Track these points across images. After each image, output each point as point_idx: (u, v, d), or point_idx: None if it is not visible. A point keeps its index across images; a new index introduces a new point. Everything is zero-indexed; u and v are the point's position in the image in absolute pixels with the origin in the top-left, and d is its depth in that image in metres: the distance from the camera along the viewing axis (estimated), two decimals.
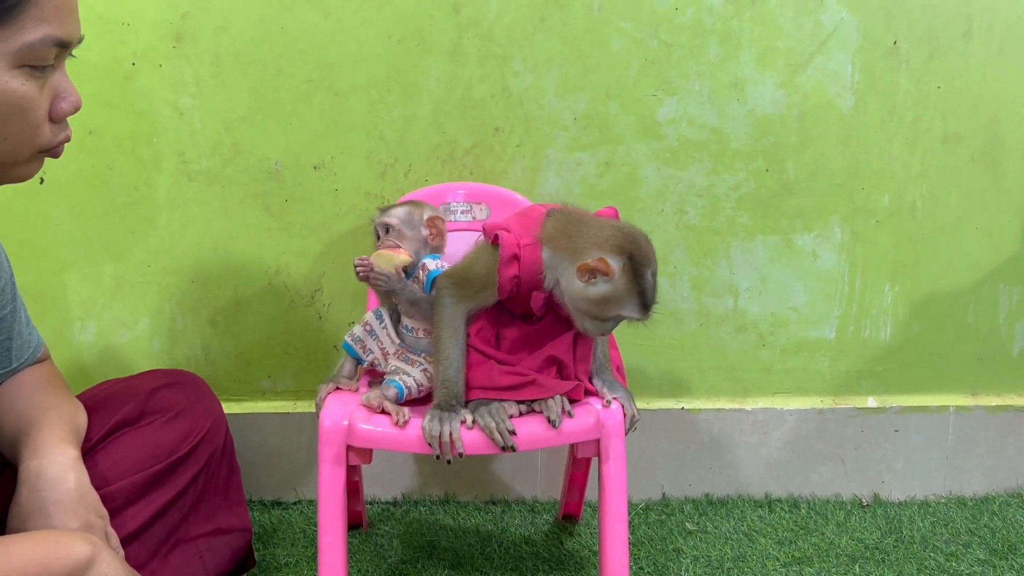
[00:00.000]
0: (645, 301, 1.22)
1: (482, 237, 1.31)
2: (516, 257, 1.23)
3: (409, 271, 1.38)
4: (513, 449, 1.21)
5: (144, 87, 1.61)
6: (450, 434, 1.22)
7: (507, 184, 1.65)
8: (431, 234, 1.40)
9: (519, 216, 1.31)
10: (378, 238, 1.42)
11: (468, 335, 1.30)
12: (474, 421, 1.24)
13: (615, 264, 1.19)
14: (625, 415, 1.31)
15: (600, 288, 1.20)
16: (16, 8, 0.85)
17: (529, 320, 1.31)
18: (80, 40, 0.94)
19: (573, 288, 1.22)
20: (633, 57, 1.64)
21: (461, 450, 1.21)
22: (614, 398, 1.31)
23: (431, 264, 1.37)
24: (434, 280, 1.33)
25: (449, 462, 1.22)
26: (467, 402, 1.28)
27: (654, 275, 1.23)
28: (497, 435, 1.22)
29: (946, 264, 1.76)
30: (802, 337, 1.78)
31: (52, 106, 0.93)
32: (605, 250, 1.20)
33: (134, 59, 1.60)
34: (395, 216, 1.40)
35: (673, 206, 1.70)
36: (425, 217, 1.41)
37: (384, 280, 1.33)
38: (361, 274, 1.35)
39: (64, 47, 0.91)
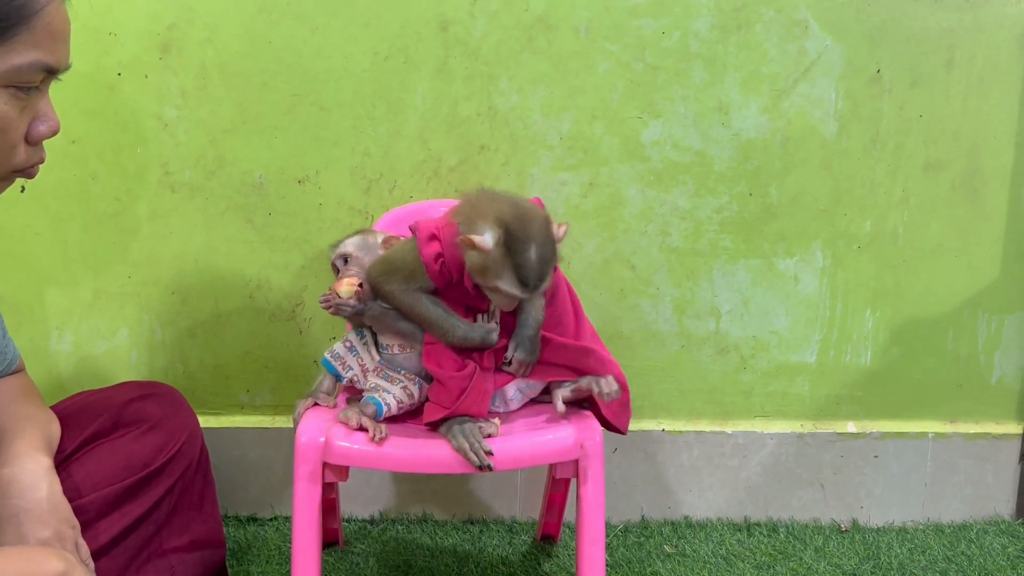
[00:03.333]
0: (522, 276, 1.21)
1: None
2: (435, 236, 1.26)
3: (372, 298, 1.38)
4: (490, 468, 1.21)
5: (129, 97, 1.61)
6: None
7: None
8: None
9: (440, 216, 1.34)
10: (336, 271, 1.42)
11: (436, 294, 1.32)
12: (488, 433, 1.26)
13: (489, 238, 1.20)
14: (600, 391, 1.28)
15: (479, 258, 1.22)
16: (9, 30, 0.86)
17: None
18: (68, 67, 0.94)
19: (467, 257, 1.24)
20: (619, 79, 1.65)
21: (489, 449, 1.21)
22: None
23: None
24: (368, 275, 1.35)
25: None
26: (440, 422, 1.28)
27: (541, 254, 1.21)
28: (472, 455, 1.21)
29: (926, 291, 1.77)
30: (783, 361, 1.78)
31: (30, 128, 0.93)
32: (487, 222, 1.22)
33: (119, 69, 1.60)
34: (350, 244, 1.41)
35: (656, 228, 1.71)
36: (380, 240, 1.41)
37: (349, 307, 1.34)
38: (331, 310, 1.35)
39: (52, 73, 0.91)
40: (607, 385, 1.28)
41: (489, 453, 1.21)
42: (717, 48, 1.65)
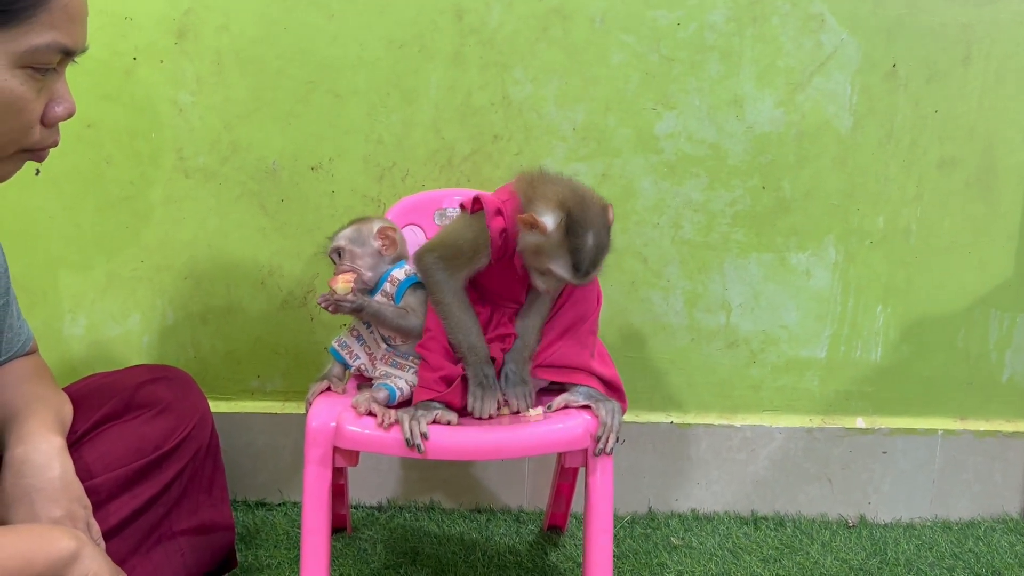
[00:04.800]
0: (576, 261, 1.23)
1: (457, 211, 1.38)
2: (500, 211, 1.28)
3: (373, 287, 1.38)
4: (418, 449, 1.21)
5: (144, 82, 1.61)
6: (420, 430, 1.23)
7: None
8: (383, 245, 1.39)
9: (494, 192, 1.37)
10: (334, 263, 1.42)
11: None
12: (447, 420, 1.27)
13: (550, 220, 1.22)
14: (603, 427, 1.29)
15: (536, 238, 1.23)
16: (28, 11, 0.86)
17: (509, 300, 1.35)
18: (85, 50, 0.95)
19: (521, 237, 1.26)
20: (633, 70, 1.64)
21: (424, 432, 1.22)
22: (584, 406, 1.31)
23: (400, 274, 1.38)
24: (417, 259, 1.35)
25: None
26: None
27: (598, 241, 1.24)
28: (407, 433, 1.22)
29: (938, 288, 1.77)
30: (793, 355, 1.78)
31: (46, 110, 0.93)
32: (550, 205, 1.24)
33: (135, 54, 1.60)
34: (343, 238, 1.40)
35: (669, 220, 1.70)
36: (375, 230, 1.40)
37: (348, 303, 1.33)
38: (331, 309, 1.35)
39: (68, 54, 0.92)
40: (610, 424, 1.29)
41: (424, 436, 1.22)
42: (733, 41, 1.64)
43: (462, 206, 1.35)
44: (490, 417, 1.30)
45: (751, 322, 1.76)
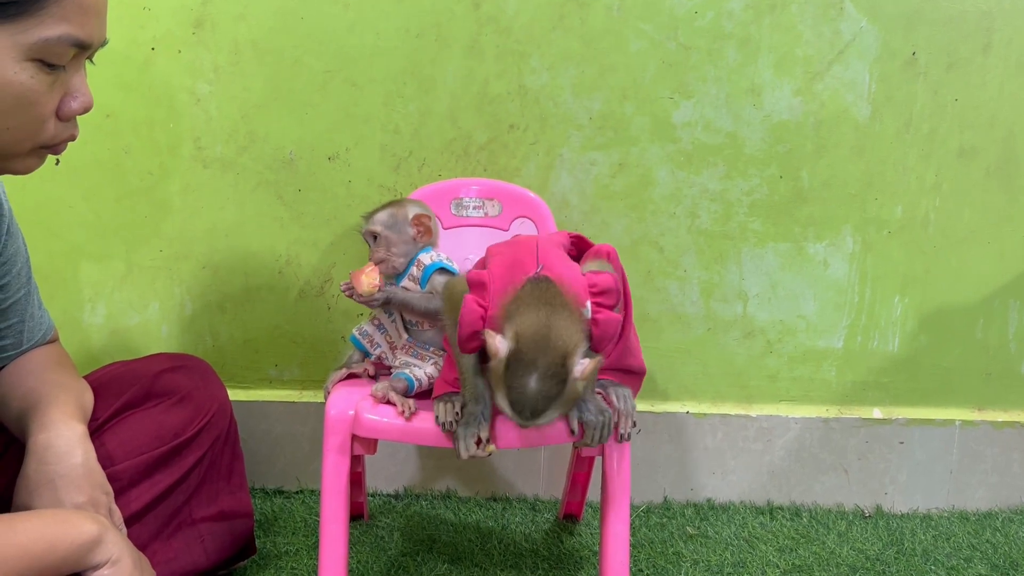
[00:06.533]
0: (512, 400, 1.09)
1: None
2: (477, 334, 1.14)
3: (402, 271, 1.39)
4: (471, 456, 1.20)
5: (162, 72, 1.62)
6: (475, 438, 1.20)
7: (520, 181, 1.65)
8: (418, 232, 1.38)
9: (512, 264, 1.22)
10: (369, 244, 1.42)
11: None
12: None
13: (503, 348, 1.09)
14: (618, 415, 1.27)
15: (493, 361, 1.11)
16: (38, 2, 0.84)
17: None
18: (104, 44, 0.93)
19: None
20: (651, 59, 1.64)
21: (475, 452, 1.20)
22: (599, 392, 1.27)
23: (426, 259, 1.38)
24: (439, 272, 1.35)
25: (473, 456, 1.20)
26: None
27: (541, 387, 1.07)
28: (462, 447, 1.20)
29: (956, 278, 1.76)
30: (810, 346, 1.77)
31: (61, 104, 0.92)
32: (512, 328, 1.10)
33: (153, 44, 1.61)
34: (378, 223, 1.39)
35: (685, 209, 1.70)
36: (410, 216, 1.39)
37: (376, 301, 1.34)
38: (354, 298, 1.35)
39: (83, 48, 0.90)
40: (623, 409, 1.27)
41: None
42: (751, 28, 1.63)
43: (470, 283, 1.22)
44: (471, 458, 1.20)
45: (768, 312, 1.75)
